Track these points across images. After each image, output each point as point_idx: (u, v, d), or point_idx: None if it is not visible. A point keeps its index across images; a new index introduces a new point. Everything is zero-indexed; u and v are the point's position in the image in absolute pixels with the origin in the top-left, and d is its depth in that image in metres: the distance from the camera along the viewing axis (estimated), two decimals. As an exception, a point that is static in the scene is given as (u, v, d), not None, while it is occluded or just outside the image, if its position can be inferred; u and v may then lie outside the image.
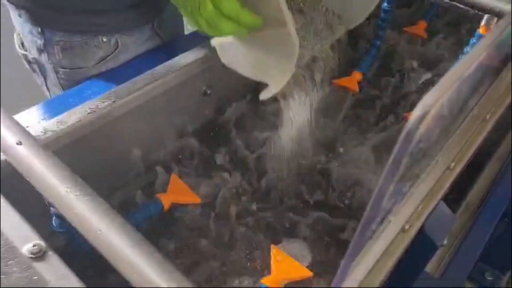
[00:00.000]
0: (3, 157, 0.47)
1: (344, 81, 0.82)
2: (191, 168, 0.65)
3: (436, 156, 0.47)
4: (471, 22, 0.89)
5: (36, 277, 0.38)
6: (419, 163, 0.27)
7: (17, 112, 0.59)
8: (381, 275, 0.40)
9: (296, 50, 0.52)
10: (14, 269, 0.38)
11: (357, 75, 0.83)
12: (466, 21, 0.94)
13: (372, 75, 0.85)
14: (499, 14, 0.66)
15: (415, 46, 0.91)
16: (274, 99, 0.60)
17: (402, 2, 0.99)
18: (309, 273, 0.52)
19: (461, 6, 0.71)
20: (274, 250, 0.54)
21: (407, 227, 0.41)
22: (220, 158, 0.67)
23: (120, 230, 0.37)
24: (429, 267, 0.60)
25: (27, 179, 0.41)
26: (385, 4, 0.80)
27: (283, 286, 0.52)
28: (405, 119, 0.75)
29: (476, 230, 0.66)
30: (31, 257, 0.39)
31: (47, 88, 0.81)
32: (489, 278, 0.68)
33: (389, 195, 0.23)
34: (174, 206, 0.60)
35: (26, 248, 0.40)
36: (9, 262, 0.39)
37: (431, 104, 0.18)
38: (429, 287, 0.57)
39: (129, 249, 0.36)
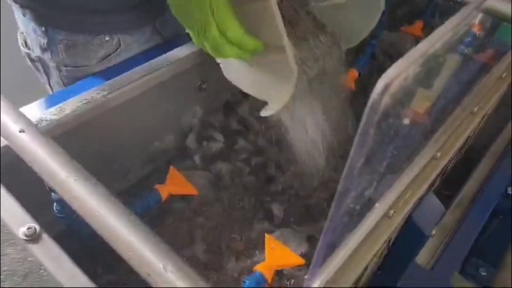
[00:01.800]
0: (3, 143, 0.49)
1: (340, 79, 0.83)
2: (189, 160, 0.66)
3: (420, 145, 0.48)
4: (466, 22, 0.90)
5: (31, 259, 0.40)
6: (392, 141, 0.28)
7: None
8: (365, 261, 0.41)
9: (294, 76, 0.55)
10: (9, 250, 0.40)
11: (353, 73, 0.84)
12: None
13: (368, 73, 0.86)
14: (495, 14, 0.67)
15: (411, 45, 0.93)
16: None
17: (399, 2, 1.01)
18: (301, 261, 0.54)
19: (458, 5, 0.73)
20: (268, 238, 0.56)
21: (391, 213, 0.43)
22: (217, 150, 0.68)
23: (116, 211, 0.39)
24: (421, 259, 0.61)
25: (30, 165, 0.43)
26: (381, 3, 0.82)
27: (275, 272, 0.53)
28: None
29: (467, 224, 0.68)
30: (26, 239, 0.41)
31: (50, 87, 0.83)
32: (483, 274, 0.69)
33: (361, 169, 0.24)
34: (172, 197, 0.62)
35: (21, 231, 0.41)
36: (5, 244, 0.41)
37: (393, 76, 0.20)
38: (419, 277, 0.58)
39: (125, 229, 0.37)
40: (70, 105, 0.56)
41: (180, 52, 0.67)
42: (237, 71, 0.63)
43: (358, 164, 0.23)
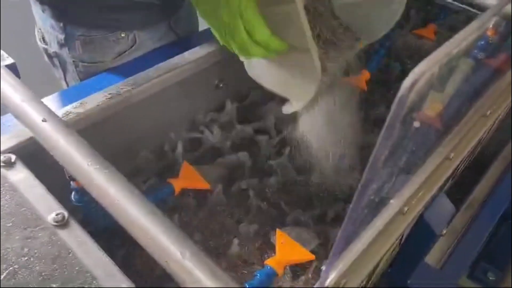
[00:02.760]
0: (29, 134, 0.50)
1: (352, 80, 0.84)
2: (202, 155, 0.67)
3: (435, 145, 0.49)
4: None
5: (59, 243, 0.41)
6: (412, 140, 0.29)
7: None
8: (378, 255, 0.42)
9: (318, 75, 0.56)
10: (40, 234, 0.42)
11: (365, 74, 0.85)
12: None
13: (380, 74, 0.87)
14: (509, 18, 0.68)
15: (423, 48, 0.93)
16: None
17: (413, 5, 1.01)
18: (312, 257, 0.54)
19: (470, 9, 0.73)
20: (279, 233, 0.57)
21: (405, 210, 0.44)
22: (231, 148, 0.69)
23: (136, 199, 0.40)
24: (431, 259, 0.62)
25: (51, 154, 0.44)
26: (396, 6, 0.82)
27: (285, 267, 0.54)
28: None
29: (477, 226, 0.68)
30: (55, 225, 0.42)
31: (66, 82, 0.84)
32: (491, 278, 0.69)
33: (385, 162, 0.25)
34: (184, 191, 0.63)
35: (50, 217, 0.43)
36: (36, 229, 0.42)
37: (422, 72, 0.21)
38: (429, 277, 0.58)
39: (144, 217, 0.38)
40: (94, 99, 0.57)
41: (199, 50, 0.69)
42: (260, 69, 0.64)
43: (382, 156, 0.24)
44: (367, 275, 0.40)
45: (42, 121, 0.46)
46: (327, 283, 0.34)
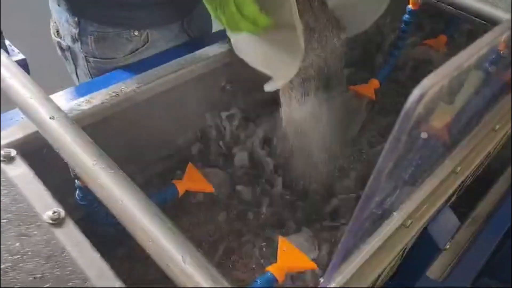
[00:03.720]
0: (32, 129, 0.50)
1: (361, 88, 0.84)
2: (207, 158, 0.67)
3: (441, 159, 0.48)
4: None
5: (54, 241, 0.41)
6: (418, 153, 0.29)
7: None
8: (380, 267, 0.41)
9: (301, 52, 0.58)
10: (35, 232, 0.41)
11: (374, 83, 0.85)
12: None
13: (389, 84, 0.86)
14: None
15: (433, 59, 0.93)
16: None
17: (424, 15, 1.01)
18: (314, 265, 0.54)
19: (482, 21, 0.73)
20: (281, 240, 0.56)
21: (409, 223, 0.43)
22: (236, 151, 0.69)
23: (139, 201, 0.40)
24: (433, 272, 0.61)
25: (57, 151, 0.45)
26: (407, 16, 0.82)
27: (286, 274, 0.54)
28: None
29: (480, 242, 0.68)
30: (51, 223, 0.42)
31: (77, 76, 0.85)
32: (494, 293, 0.69)
33: (389, 176, 0.25)
34: (188, 193, 0.63)
35: (46, 215, 0.43)
36: (31, 226, 0.42)
37: (430, 86, 0.21)
38: (430, 289, 0.58)
39: (147, 219, 0.38)
40: (99, 97, 0.58)
41: (208, 51, 0.69)
42: (247, 46, 0.66)
43: (386, 169, 0.23)
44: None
45: (50, 118, 0.46)
46: (328, 291, 0.34)
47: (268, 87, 0.63)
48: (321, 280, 0.35)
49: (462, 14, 0.91)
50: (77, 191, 0.50)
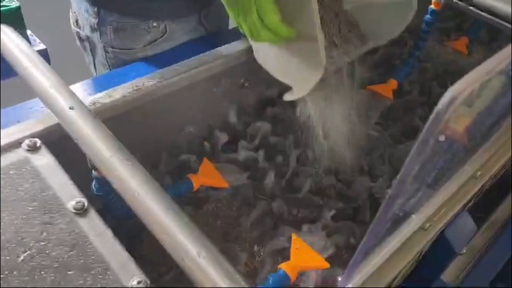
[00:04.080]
0: (56, 120, 0.50)
1: (378, 88, 0.83)
2: (223, 154, 0.67)
3: (461, 163, 0.47)
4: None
5: (77, 230, 0.41)
6: (442, 157, 0.28)
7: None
8: (397, 269, 0.41)
9: (322, 65, 0.57)
10: (59, 221, 0.42)
11: (392, 83, 0.84)
12: (509, 40, 0.94)
13: (408, 84, 0.85)
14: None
15: (454, 60, 0.91)
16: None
17: (446, 16, 0.99)
18: (326, 265, 0.53)
19: (505, 23, 0.71)
20: (294, 238, 0.56)
21: (427, 226, 0.43)
22: (251, 148, 0.69)
23: (156, 194, 0.40)
24: (449, 276, 0.60)
25: (76, 141, 0.45)
26: (428, 16, 0.81)
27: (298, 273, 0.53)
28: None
29: (497, 248, 0.67)
30: (75, 213, 0.43)
31: (94, 67, 0.85)
32: (507, 298, 0.68)
33: (414, 178, 0.25)
34: (203, 188, 0.63)
35: (70, 204, 0.43)
36: (55, 215, 0.42)
37: (461, 90, 0.20)
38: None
39: (163, 212, 0.38)
40: (120, 91, 0.58)
41: (227, 48, 0.69)
42: (267, 55, 0.66)
43: (413, 172, 0.23)
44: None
45: (70, 108, 0.46)
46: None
47: (288, 97, 0.63)
48: (339, 278, 0.35)
49: (484, 16, 0.89)
50: (94, 182, 0.50)
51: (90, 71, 0.89)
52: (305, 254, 0.55)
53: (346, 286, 0.34)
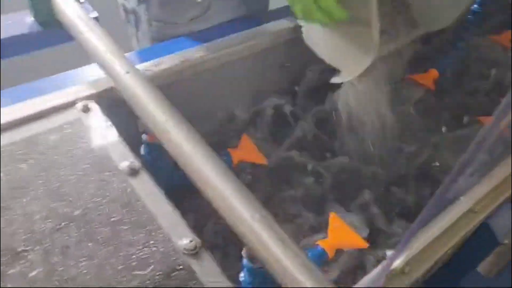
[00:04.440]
0: (109, 84, 0.52)
1: (419, 77, 0.82)
2: (264, 131, 0.68)
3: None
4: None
5: (130, 190, 0.43)
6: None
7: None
8: (444, 248, 0.41)
9: (374, 51, 0.57)
10: (113, 179, 0.43)
11: (434, 73, 0.82)
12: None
13: (449, 75, 0.84)
14: None
15: (497, 54, 0.89)
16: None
17: (492, 10, 0.97)
18: (365, 244, 0.54)
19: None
20: (333, 216, 0.56)
21: (476, 208, 0.42)
22: (289, 127, 0.69)
23: (210, 159, 0.40)
24: (483, 267, 0.60)
25: (131, 105, 0.46)
26: (476, 6, 0.79)
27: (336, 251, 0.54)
28: (479, 123, 0.74)
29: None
30: (127, 173, 0.44)
31: (137, 40, 0.87)
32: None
33: (473, 164, 0.24)
34: (242, 164, 0.63)
35: (123, 165, 0.44)
36: (109, 174, 0.44)
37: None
38: (479, 284, 0.57)
39: (217, 177, 0.39)
40: (168, 61, 0.59)
41: (272, 27, 0.69)
42: (318, 37, 0.65)
43: (475, 155, 0.23)
44: (428, 268, 0.40)
45: (126, 73, 0.47)
46: (392, 267, 0.34)
47: (335, 80, 0.63)
48: (388, 253, 0.35)
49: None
50: (143, 146, 0.51)
51: (131, 44, 0.90)
52: (343, 232, 0.55)
53: (395, 261, 0.34)
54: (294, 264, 0.33)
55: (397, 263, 0.35)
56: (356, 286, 0.38)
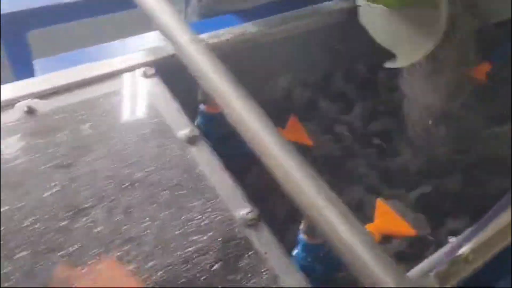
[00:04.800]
0: (169, 52, 0.52)
1: (472, 69, 0.80)
2: (310, 113, 0.67)
3: None
4: None
5: (189, 157, 0.43)
6: None
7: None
8: (502, 244, 0.40)
9: (440, 34, 0.55)
10: (173, 145, 0.44)
11: (486, 65, 0.80)
12: None
13: (503, 67, 0.82)
14: None
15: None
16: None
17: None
18: (412, 232, 0.53)
19: None
20: (379, 203, 0.56)
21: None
22: (337, 110, 0.69)
23: (271, 132, 0.40)
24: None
25: (192, 72, 0.46)
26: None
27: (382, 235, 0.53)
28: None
29: None
30: (186, 140, 0.44)
31: (186, 15, 0.87)
32: None
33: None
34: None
35: (182, 132, 0.45)
36: (168, 139, 0.44)
37: None
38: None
39: (280, 149, 0.39)
40: (225, 34, 0.58)
41: (327, 6, 0.68)
42: (375, 19, 0.63)
43: None
44: (487, 260, 0.39)
45: (189, 41, 0.47)
46: (458, 253, 0.33)
47: (390, 64, 0.62)
48: (450, 239, 0.35)
49: None
50: (199, 117, 0.51)
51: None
52: (390, 219, 0.55)
53: (461, 248, 0.34)
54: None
55: (462, 250, 0.34)
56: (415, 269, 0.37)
